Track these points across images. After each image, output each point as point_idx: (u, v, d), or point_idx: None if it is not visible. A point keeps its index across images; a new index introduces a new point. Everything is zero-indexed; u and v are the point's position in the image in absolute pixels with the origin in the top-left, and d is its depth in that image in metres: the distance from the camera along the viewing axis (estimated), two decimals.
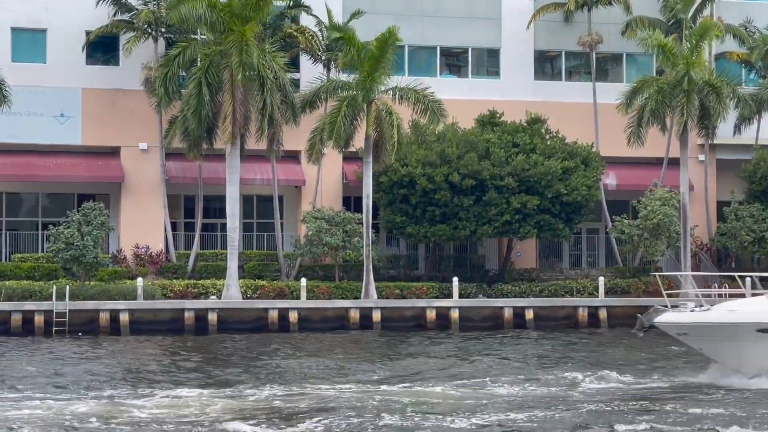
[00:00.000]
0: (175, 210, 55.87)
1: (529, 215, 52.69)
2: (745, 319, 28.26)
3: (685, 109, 52.53)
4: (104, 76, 54.29)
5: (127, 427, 23.11)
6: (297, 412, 24.96)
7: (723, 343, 28.57)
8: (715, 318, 28.50)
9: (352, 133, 50.54)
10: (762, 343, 28.08)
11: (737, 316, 28.42)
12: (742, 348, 28.30)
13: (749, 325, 28.12)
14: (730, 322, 28.31)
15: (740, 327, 28.18)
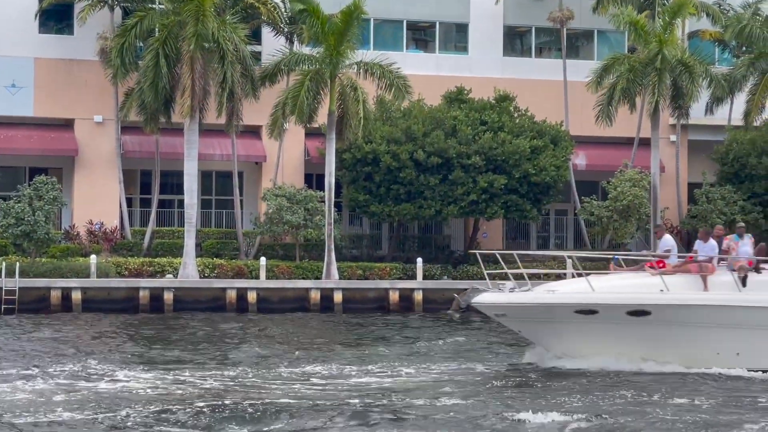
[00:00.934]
0: (131, 185, 54.58)
1: (496, 195, 51.65)
2: (562, 300, 27.10)
3: (656, 88, 51.57)
4: (58, 45, 52.67)
5: (76, 405, 21.97)
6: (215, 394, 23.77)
7: (541, 325, 27.47)
8: (532, 299, 27.27)
9: (316, 108, 49.19)
10: (580, 324, 26.94)
11: (555, 297, 27.22)
12: (561, 330, 27.20)
13: (567, 306, 26.92)
14: (548, 303, 27.15)
15: (558, 308, 27.05)
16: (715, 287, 27.10)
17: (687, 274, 27.34)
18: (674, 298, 26.69)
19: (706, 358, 26.93)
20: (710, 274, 27.20)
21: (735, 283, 26.91)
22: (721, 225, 30.83)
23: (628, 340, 26.97)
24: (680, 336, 26.84)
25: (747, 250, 27.76)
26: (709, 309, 26.71)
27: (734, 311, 26.72)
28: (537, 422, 20.85)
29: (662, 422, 21.05)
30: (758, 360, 26.83)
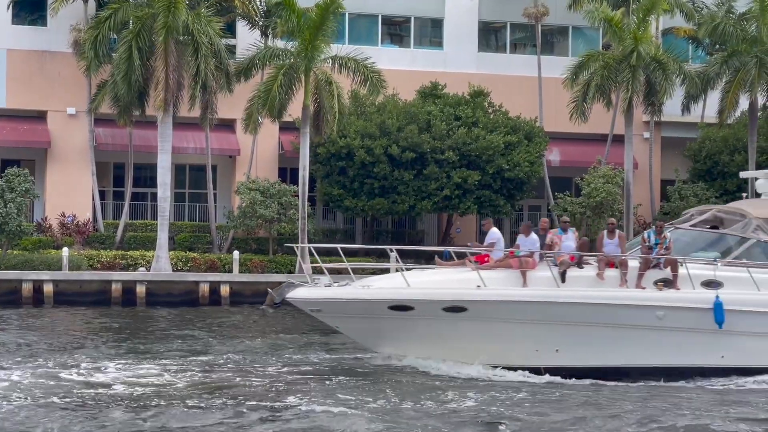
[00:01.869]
0: (104, 178, 54.33)
1: (469, 191, 51.65)
2: (377, 296, 26.13)
3: (630, 84, 51.57)
4: (31, 37, 52.42)
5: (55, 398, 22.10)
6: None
7: (357, 321, 26.57)
8: (346, 294, 26.25)
9: (287, 102, 48.91)
10: (396, 321, 26.13)
11: (369, 293, 26.22)
12: (377, 326, 26.38)
13: (381, 301, 25.99)
14: (362, 298, 26.13)
15: (372, 304, 26.06)
16: (535, 283, 26.37)
17: (508, 269, 26.60)
18: (490, 294, 25.99)
19: (525, 354, 26.35)
20: (531, 269, 26.44)
21: (555, 279, 26.26)
22: (547, 218, 29.71)
23: (445, 336, 26.23)
24: (498, 332, 26.16)
25: (570, 245, 27.10)
26: (526, 305, 26.06)
27: (552, 307, 26.11)
28: None
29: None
30: (578, 356, 26.40)
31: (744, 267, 27.24)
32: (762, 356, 27.08)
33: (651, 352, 26.56)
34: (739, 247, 27.92)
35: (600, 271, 26.60)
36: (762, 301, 27.06)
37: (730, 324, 26.60)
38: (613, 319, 26.25)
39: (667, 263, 26.81)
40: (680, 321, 26.54)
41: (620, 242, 27.19)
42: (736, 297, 26.82)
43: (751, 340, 26.99)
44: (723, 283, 26.90)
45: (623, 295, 26.48)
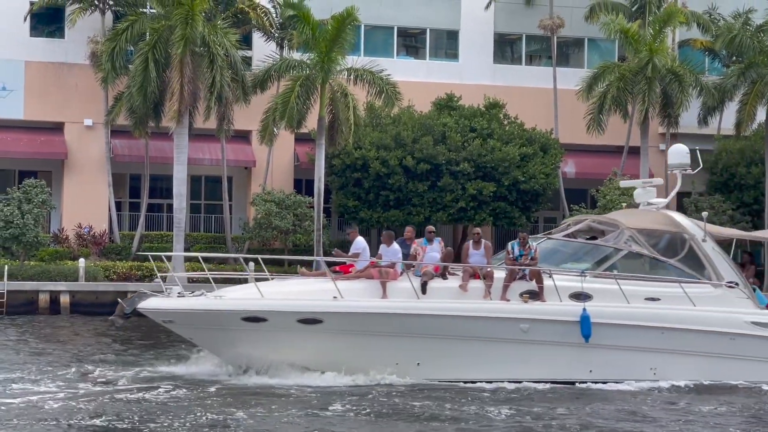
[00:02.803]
0: (120, 189, 54.58)
1: (484, 202, 51.70)
2: (228, 307, 25.25)
3: (646, 96, 51.70)
4: (49, 48, 52.76)
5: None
6: None
7: (210, 332, 25.59)
8: (198, 305, 25.40)
9: (305, 113, 49.17)
10: (248, 333, 25.27)
11: (221, 304, 25.34)
12: (231, 338, 25.38)
13: (233, 313, 25.12)
14: (214, 309, 25.21)
15: (225, 315, 25.15)
16: (396, 294, 25.61)
17: (370, 279, 25.75)
18: (345, 305, 25.21)
19: (385, 368, 25.53)
20: (392, 280, 25.61)
21: (415, 290, 25.47)
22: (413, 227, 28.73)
23: (302, 349, 25.39)
24: (357, 345, 25.41)
25: (435, 256, 26.33)
26: (383, 317, 25.33)
27: (410, 319, 25.37)
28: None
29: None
30: (440, 370, 25.64)
31: (614, 279, 26.61)
32: (631, 370, 26.39)
33: (516, 365, 25.85)
34: (611, 258, 27.35)
35: (463, 283, 25.91)
36: (631, 314, 26.39)
37: (598, 337, 25.92)
38: (476, 331, 25.57)
39: (532, 275, 26.21)
40: (546, 334, 25.91)
41: (486, 253, 26.61)
42: (604, 310, 26.15)
43: (621, 354, 26.31)
44: (592, 295, 26.23)
45: (485, 307, 25.82)
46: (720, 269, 27.42)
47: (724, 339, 26.62)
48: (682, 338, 26.48)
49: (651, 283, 27.13)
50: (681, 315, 26.63)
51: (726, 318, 26.84)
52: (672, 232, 27.79)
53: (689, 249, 27.52)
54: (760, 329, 26.89)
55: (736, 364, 26.72)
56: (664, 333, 26.34)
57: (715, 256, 27.57)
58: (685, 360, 26.48)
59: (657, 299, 26.77)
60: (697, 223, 28.19)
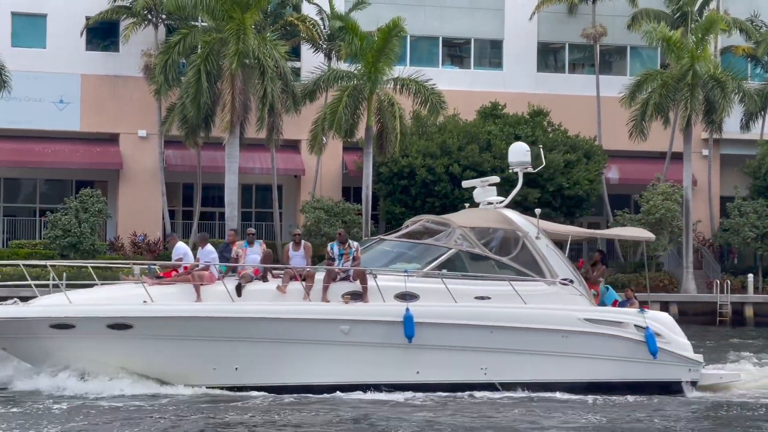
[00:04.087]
0: (174, 198, 55.73)
1: (529, 208, 52.18)
2: (35, 314, 24.14)
3: (689, 103, 52.26)
4: (104, 62, 54.17)
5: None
6: None
7: (21, 341, 24.50)
8: (3, 313, 24.21)
9: (355, 123, 50.13)
10: (58, 340, 24.18)
11: (26, 311, 24.29)
12: (42, 345, 24.29)
13: (41, 320, 24.02)
14: (20, 317, 24.12)
15: (32, 322, 24.06)
16: (211, 297, 24.55)
17: (188, 283, 24.69)
18: (153, 310, 24.15)
19: (203, 373, 24.53)
20: (207, 283, 24.66)
21: (229, 294, 24.45)
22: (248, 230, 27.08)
23: (114, 355, 24.26)
24: (171, 350, 24.39)
25: (255, 258, 25.44)
26: (194, 321, 24.28)
27: (224, 323, 24.33)
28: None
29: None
30: (259, 374, 24.61)
31: (441, 278, 25.63)
32: (461, 371, 25.44)
33: (339, 368, 24.90)
34: (441, 257, 26.25)
35: (282, 285, 24.86)
36: (458, 313, 25.45)
37: (424, 338, 24.97)
38: (294, 334, 24.58)
39: (356, 275, 25.25)
40: (368, 335, 24.92)
41: (306, 254, 25.79)
42: (430, 309, 25.23)
43: (449, 354, 25.36)
44: (419, 295, 25.31)
45: (301, 309, 24.77)
46: (554, 266, 26.61)
47: (556, 336, 25.84)
48: (512, 337, 25.65)
49: (483, 281, 26.25)
50: (511, 313, 25.79)
51: (558, 315, 26.05)
52: (505, 230, 27.03)
53: (522, 247, 26.76)
54: (593, 326, 26.13)
55: (570, 361, 26.00)
56: (493, 332, 25.48)
57: (549, 254, 26.79)
58: (517, 359, 25.70)
59: (488, 298, 25.89)
60: (530, 220, 27.39)
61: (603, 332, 26.19)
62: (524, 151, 29.60)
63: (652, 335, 26.29)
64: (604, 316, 26.50)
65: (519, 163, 29.46)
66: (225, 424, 21.38)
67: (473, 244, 26.59)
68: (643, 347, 26.28)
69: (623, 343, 26.29)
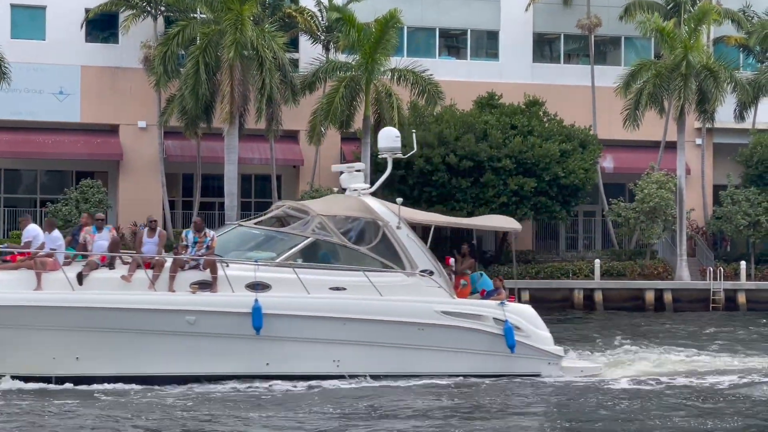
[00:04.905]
0: (173, 188, 56.11)
1: (526, 197, 52.88)
2: None
3: (682, 92, 52.84)
4: (103, 53, 54.48)
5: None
6: None
7: None
8: None
9: (352, 114, 50.64)
10: None
11: None
12: None
13: None
14: None
15: None
16: (52, 285, 23.67)
17: (31, 269, 23.86)
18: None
19: (43, 363, 23.65)
20: (48, 270, 23.76)
21: (69, 282, 23.64)
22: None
23: None
24: (7, 339, 23.43)
25: (102, 244, 24.61)
26: (29, 309, 23.47)
27: (61, 312, 23.54)
28: None
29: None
30: (102, 365, 23.89)
31: (295, 268, 24.97)
32: (312, 363, 24.87)
33: (185, 359, 24.21)
34: (296, 246, 25.62)
35: (127, 273, 24.10)
36: (309, 304, 24.81)
37: (274, 329, 24.40)
38: (137, 324, 23.85)
39: (206, 264, 24.49)
40: (216, 326, 24.27)
41: (159, 241, 24.98)
42: (280, 300, 24.58)
43: (300, 346, 24.77)
44: (271, 285, 24.64)
45: (142, 299, 24.00)
46: (414, 257, 25.94)
47: (412, 329, 25.29)
48: (366, 329, 25.04)
49: (340, 272, 25.52)
50: (365, 305, 25.13)
51: (414, 307, 25.45)
52: (365, 218, 26.15)
53: (383, 236, 26.01)
54: (450, 319, 25.59)
55: (426, 354, 25.47)
56: (346, 324, 24.87)
57: (410, 244, 26.10)
58: (371, 351, 25.09)
59: (343, 289, 25.23)
60: (391, 209, 26.49)
61: (461, 325, 25.69)
62: (394, 136, 28.55)
63: (510, 328, 25.83)
64: (462, 308, 25.93)
65: (388, 149, 28.45)
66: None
67: (331, 233, 25.81)
68: (502, 340, 25.85)
69: (482, 337, 25.83)
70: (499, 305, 26.25)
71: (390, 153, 28.43)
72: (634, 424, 21.12)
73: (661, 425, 20.96)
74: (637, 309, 50.75)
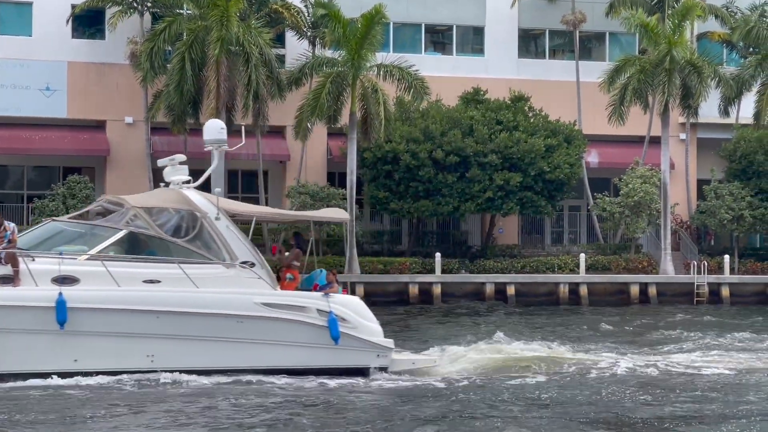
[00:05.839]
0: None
1: (511, 192, 53.19)
2: None
3: (666, 88, 53.22)
4: (90, 49, 54.57)
5: None
6: None
7: None
8: None
9: (338, 110, 50.88)
10: None
11: None
12: None
13: None
14: None
15: None
16: None
17: None
18: None
19: None
20: None
21: None
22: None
23: None
24: None
25: None
26: None
27: None
28: None
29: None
30: None
31: (104, 261, 24.06)
32: (124, 358, 23.92)
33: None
34: (110, 239, 24.65)
35: None
36: (119, 298, 23.86)
37: (83, 324, 23.44)
38: None
39: (7, 258, 23.47)
40: (16, 322, 23.17)
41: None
42: (87, 294, 23.62)
43: (110, 341, 23.82)
44: (80, 279, 23.69)
45: None
46: (234, 249, 25.04)
47: (230, 321, 24.44)
48: (181, 322, 24.17)
49: (155, 264, 24.61)
50: (178, 297, 24.27)
51: (232, 300, 24.56)
52: (183, 210, 25.35)
53: (201, 228, 25.15)
54: (271, 311, 24.75)
55: (247, 347, 24.62)
56: (159, 317, 23.98)
57: (229, 235, 25.21)
58: (188, 345, 24.22)
59: (158, 281, 24.34)
60: (210, 200, 25.79)
61: (282, 317, 24.84)
62: (219, 128, 27.75)
63: (334, 320, 24.89)
64: (284, 300, 25.02)
65: (214, 141, 27.66)
66: None
67: (148, 225, 24.88)
68: (327, 332, 24.96)
69: (305, 329, 24.97)
70: (323, 296, 25.28)
71: (215, 145, 27.63)
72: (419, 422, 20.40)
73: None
74: (622, 303, 51.10)
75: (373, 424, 20.11)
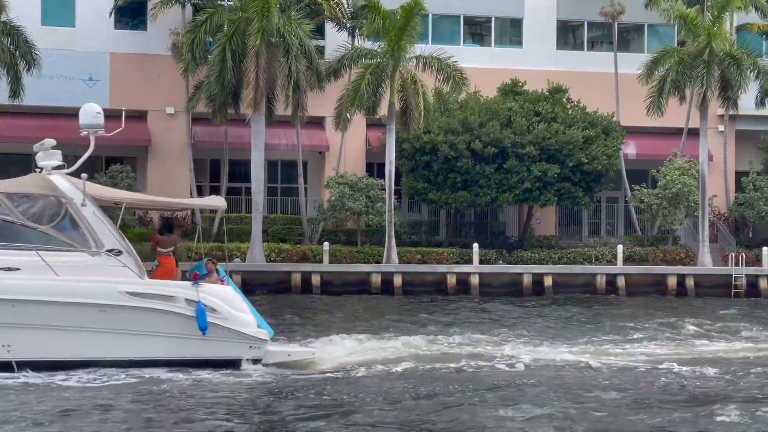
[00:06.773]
0: (201, 173, 56.76)
1: (549, 183, 53.34)
2: None
3: (705, 80, 53.12)
4: (132, 40, 55.19)
5: None
6: None
7: None
8: None
9: (377, 101, 51.20)
10: None
11: None
12: None
13: None
14: None
15: None
16: None
17: None
18: None
19: None
20: None
21: None
22: None
23: None
24: None
25: None
26: None
27: None
28: None
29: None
30: None
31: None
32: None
33: None
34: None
35: None
36: None
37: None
38: None
39: None
40: None
41: None
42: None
43: None
44: None
45: None
46: (100, 236, 24.17)
47: (92, 311, 23.61)
48: (40, 311, 23.35)
49: (14, 251, 23.78)
50: (36, 285, 23.45)
51: (94, 288, 23.74)
52: (48, 196, 24.38)
53: (65, 214, 24.29)
54: (137, 300, 23.87)
55: (110, 338, 23.85)
56: (15, 306, 23.17)
57: (96, 222, 24.32)
58: (47, 335, 23.43)
59: (17, 269, 23.56)
60: (77, 185, 24.72)
61: (148, 306, 23.95)
62: (94, 112, 27.08)
63: (202, 309, 23.98)
64: (150, 289, 24.09)
65: (89, 126, 27.08)
66: None
67: (8, 211, 24.09)
68: (195, 323, 24.12)
69: (172, 319, 24.12)
70: (192, 285, 24.46)
71: (92, 130, 27.08)
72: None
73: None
74: (659, 294, 51.17)
75: (216, 416, 19.65)
